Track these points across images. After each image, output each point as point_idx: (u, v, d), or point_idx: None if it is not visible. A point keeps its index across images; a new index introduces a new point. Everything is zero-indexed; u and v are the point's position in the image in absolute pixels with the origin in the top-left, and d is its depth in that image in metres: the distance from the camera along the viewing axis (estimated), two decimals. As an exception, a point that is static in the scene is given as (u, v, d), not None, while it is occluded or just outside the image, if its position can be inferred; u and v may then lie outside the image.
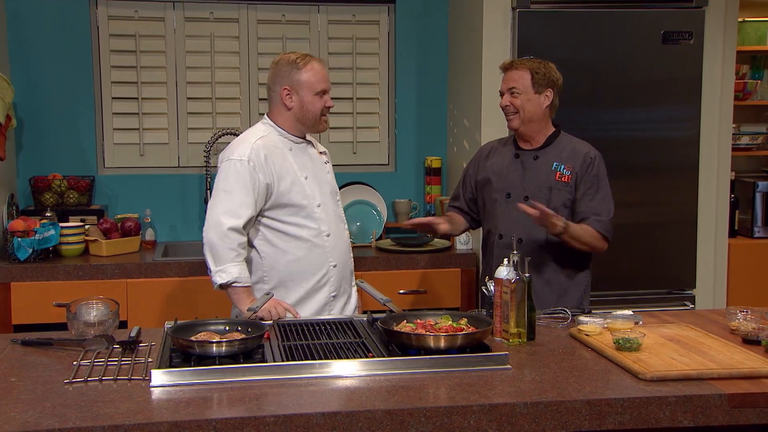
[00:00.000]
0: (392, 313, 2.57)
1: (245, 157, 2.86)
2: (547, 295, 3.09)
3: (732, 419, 2.06)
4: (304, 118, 2.98)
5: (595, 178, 3.11)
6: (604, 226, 3.08)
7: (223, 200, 2.85)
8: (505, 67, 3.20)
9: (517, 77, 3.12)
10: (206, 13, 4.54)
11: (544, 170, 3.14)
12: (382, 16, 4.72)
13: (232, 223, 2.82)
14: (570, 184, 3.10)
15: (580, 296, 3.18)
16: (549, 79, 3.13)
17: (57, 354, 2.40)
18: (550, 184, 3.11)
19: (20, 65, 4.35)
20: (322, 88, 2.95)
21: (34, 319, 3.70)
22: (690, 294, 4.30)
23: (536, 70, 3.11)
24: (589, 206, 3.09)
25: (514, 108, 3.12)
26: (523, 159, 3.18)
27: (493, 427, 1.99)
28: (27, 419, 1.88)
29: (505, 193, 3.17)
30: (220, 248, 2.82)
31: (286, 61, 2.97)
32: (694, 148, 4.23)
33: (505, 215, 3.15)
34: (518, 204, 3.00)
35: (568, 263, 3.14)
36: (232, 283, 2.80)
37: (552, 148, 3.16)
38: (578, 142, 3.20)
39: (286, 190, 2.91)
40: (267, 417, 1.92)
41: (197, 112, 4.59)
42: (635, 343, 2.34)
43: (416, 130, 4.77)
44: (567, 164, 3.11)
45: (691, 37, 4.14)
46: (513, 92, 3.11)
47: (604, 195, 3.12)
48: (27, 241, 3.80)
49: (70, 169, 4.41)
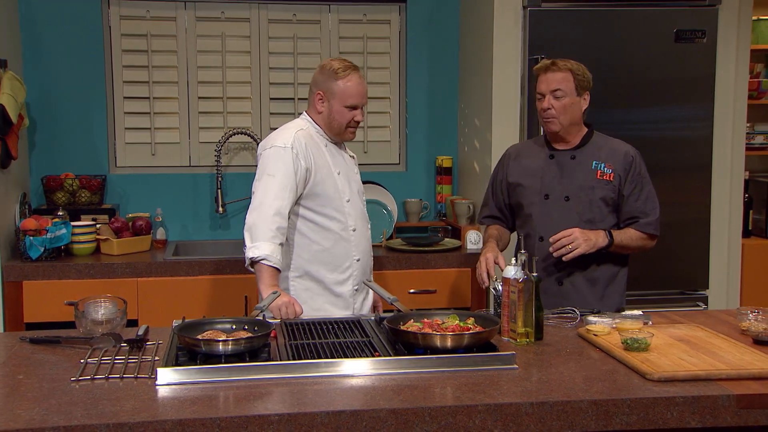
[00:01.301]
0: (399, 312, 2.56)
1: (288, 144, 2.95)
2: (589, 295, 3.06)
3: (740, 420, 2.04)
4: (331, 126, 3.07)
5: (639, 176, 3.08)
6: (654, 226, 3.07)
7: (267, 184, 2.91)
8: (545, 67, 3.08)
9: (561, 79, 3.03)
10: (217, 13, 4.55)
11: (583, 170, 3.08)
12: (393, 16, 4.71)
13: (275, 205, 2.87)
14: (613, 183, 3.05)
15: (621, 294, 3.15)
16: (588, 81, 3.08)
17: (65, 352, 2.41)
18: (591, 183, 3.06)
19: (33, 65, 4.38)
20: (353, 103, 3.02)
21: (45, 317, 3.72)
22: (703, 294, 4.27)
23: (577, 72, 3.05)
24: (636, 206, 3.06)
25: (556, 111, 3.03)
26: (559, 159, 3.12)
27: (498, 427, 1.98)
28: (33, 416, 1.88)
29: (542, 195, 3.11)
30: (259, 227, 2.85)
31: (329, 68, 3.03)
32: (707, 148, 4.20)
33: (543, 217, 3.09)
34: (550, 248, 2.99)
35: (608, 262, 3.10)
36: (262, 259, 2.80)
37: (589, 147, 3.11)
38: (614, 140, 3.16)
39: (321, 180, 3.00)
40: (271, 416, 1.91)
41: (208, 112, 4.60)
42: (643, 344, 2.32)
43: (427, 129, 4.77)
44: (607, 163, 3.07)
45: (704, 35, 4.11)
46: (557, 94, 3.03)
47: (648, 193, 3.09)
48: (39, 239, 3.82)
49: (82, 168, 4.43)
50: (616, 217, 3.10)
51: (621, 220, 3.09)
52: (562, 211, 3.06)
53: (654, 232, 3.08)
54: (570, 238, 2.95)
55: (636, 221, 3.06)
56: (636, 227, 3.06)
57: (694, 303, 4.23)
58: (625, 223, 3.08)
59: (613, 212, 3.10)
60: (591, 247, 2.96)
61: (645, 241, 3.09)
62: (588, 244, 2.95)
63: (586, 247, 2.95)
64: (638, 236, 3.06)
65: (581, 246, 2.94)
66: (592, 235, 2.98)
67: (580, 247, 2.94)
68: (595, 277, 3.08)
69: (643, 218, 3.06)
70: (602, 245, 2.99)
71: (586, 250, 2.95)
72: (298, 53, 4.61)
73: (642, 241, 3.08)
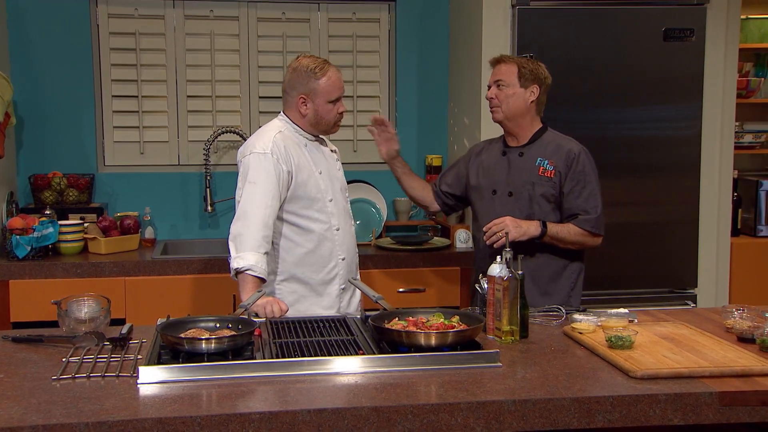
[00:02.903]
0: (384, 311, 2.56)
1: (268, 150, 2.93)
2: (532, 288, 3.05)
3: (723, 417, 2.04)
4: (318, 124, 3.06)
5: (581, 174, 3.10)
6: (592, 224, 3.08)
7: (250, 192, 2.90)
8: (494, 61, 3.22)
9: (505, 70, 3.14)
10: (206, 11, 4.54)
11: (528, 166, 3.14)
12: (382, 14, 4.70)
13: (259, 214, 2.86)
14: (553, 180, 3.09)
15: (567, 292, 3.16)
16: (535, 75, 3.13)
17: (47, 351, 2.40)
18: (533, 179, 3.11)
19: (21, 63, 4.36)
20: (336, 96, 3.03)
21: (32, 316, 3.70)
22: (692, 293, 4.28)
23: (523, 65, 3.13)
24: (576, 203, 3.09)
25: (498, 101, 3.13)
26: (510, 156, 3.20)
27: (480, 425, 1.98)
28: (12, 415, 1.87)
29: (491, 190, 3.20)
30: (243, 237, 2.84)
31: (304, 69, 3.00)
32: (696, 147, 4.21)
33: (490, 212, 3.15)
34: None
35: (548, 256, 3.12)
36: (246, 269, 2.79)
37: (537, 145, 3.17)
38: (563, 138, 3.19)
39: (302, 182, 2.98)
40: (252, 414, 1.91)
41: (197, 110, 4.59)
42: (627, 341, 2.32)
43: (417, 128, 4.76)
44: (550, 159, 3.11)
45: (693, 34, 4.12)
46: (499, 85, 3.13)
47: (591, 191, 3.10)
48: (25, 238, 3.81)
49: (70, 167, 4.41)
50: (558, 214, 3.13)
51: (562, 216, 3.13)
52: (505, 207, 3.13)
53: (593, 230, 3.08)
54: (500, 225, 2.99)
55: (575, 217, 3.09)
56: (576, 222, 3.08)
57: (683, 302, 4.23)
58: (566, 220, 3.12)
59: (556, 209, 3.13)
60: (521, 234, 2.99)
61: (585, 237, 3.09)
62: (518, 231, 2.99)
63: (515, 233, 2.97)
64: (576, 231, 3.08)
65: (511, 232, 2.96)
66: (524, 224, 3.02)
67: (510, 234, 2.95)
68: (536, 271, 3.10)
69: (583, 215, 3.08)
70: (534, 234, 3.02)
71: (514, 237, 2.96)
72: (287, 52, 4.60)
73: (581, 237, 3.09)
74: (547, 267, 3.14)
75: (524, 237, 3.00)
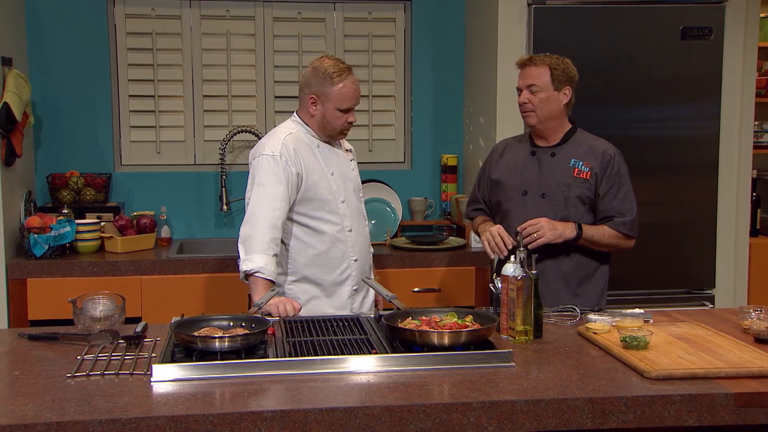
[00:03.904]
0: (398, 310, 2.55)
1: (277, 152, 2.92)
2: (563, 291, 3.06)
3: (738, 419, 2.02)
4: (324, 128, 3.04)
5: (617, 176, 3.06)
6: (628, 226, 3.05)
7: (259, 195, 2.90)
8: (522, 63, 3.13)
9: (537, 74, 3.05)
10: (222, 11, 4.55)
11: (561, 167, 3.08)
12: (398, 14, 4.70)
13: (268, 216, 2.86)
14: (589, 181, 3.05)
15: (598, 295, 3.13)
16: (568, 76, 3.08)
17: (62, 348, 2.41)
18: (568, 180, 3.06)
19: (38, 63, 4.39)
20: (348, 106, 2.99)
21: (49, 315, 3.73)
22: (709, 294, 4.24)
23: (555, 66, 3.06)
24: (612, 205, 3.05)
25: (533, 105, 3.06)
26: (540, 156, 3.14)
27: (493, 425, 1.97)
28: (26, 412, 1.88)
29: (521, 191, 3.12)
30: (252, 239, 2.85)
31: (323, 70, 2.97)
32: (714, 147, 4.17)
33: (521, 213, 3.09)
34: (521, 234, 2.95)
35: (581, 258, 3.08)
36: (256, 272, 2.80)
37: (569, 145, 3.12)
38: (595, 139, 3.16)
39: (313, 184, 2.97)
40: (264, 412, 1.91)
41: (213, 110, 4.60)
42: (642, 342, 2.30)
43: (432, 127, 4.75)
44: (585, 161, 3.07)
45: (711, 33, 4.08)
46: (532, 89, 3.05)
47: (626, 193, 3.07)
48: (43, 237, 3.83)
49: (88, 166, 4.44)
50: (592, 216, 3.09)
51: (597, 218, 3.08)
52: (538, 208, 3.06)
53: (628, 233, 3.05)
54: (536, 226, 2.95)
55: (611, 220, 3.05)
56: (611, 225, 3.04)
57: (700, 302, 4.20)
58: (600, 222, 3.07)
59: (590, 211, 3.08)
60: (557, 237, 2.96)
61: (619, 240, 3.06)
62: (554, 233, 2.95)
63: (551, 236, 2.94)
64: (612, 234, 3.04)
65: (546, 234, 2.94)
66: (560, 226, 2.98)
67: (545, 236, 2.93)
68: (569, 273, 3.07)
69: (618, 217, 3.04)
70: (569, 237, 2.98)
71: (551, 239, 2.94)
72: (303, 51, 4.60)
73: (616, 240, 3.05)
74: (579, 269, 3.09)
75: (559, 239, 2.97)
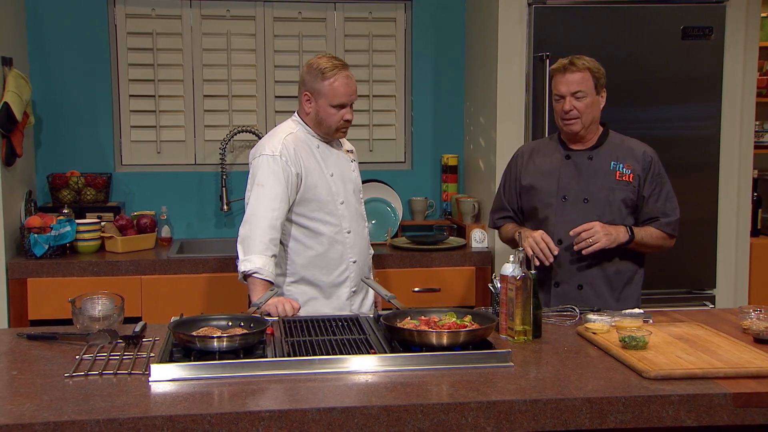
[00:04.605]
0: (397, 310, 2.55)
1: (277, 152, 2.92)
2: (608, 296, 3.02)
3: (737, 419, 2.01)
4: (319, 126, 3.03)
5: (658, 176, 3.04)
6: (673, 226, 3.04)
7: (258, 195, 2.90)
8: (563, 68, 3.01)
9: (581, 79, 2.97)
10: (223, 11, 4.55)
11: (601, 170, 3.02)
12: (398, 13, 4.70)
13: (267, 216, 2.86)
14: (632, 184, 3.01)
15: (637, 298, 3.10)
16: (604, 77, 3.04)
17: (61, 348, 2.41)
18: (611, 184, 3.00)
19: (39, 63, 4.39)
20: (340, 102, 2.96)
21: (49, 314, 3.73)
22: (710, 294, 4.23)
23: (595, 70, 2.99)
24: (656, 207, 3.03)
25: (578, 112, 2.97)
26: (576, 160, 3.06)
27: (491, 425, 1.96)
28: (23, 412, 1.88)
29: (560, 197, 3.04)
30: (251, 240, 2.85)
31: (316, 66, 2.97)
32: (715, 147, 4.16)
33: (563, 219, 3.01)
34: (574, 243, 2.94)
35: (626, 262, 3.05)
36: (254, 272, 2.80)
37: (605, 147, 3.06)
38: (630, 140, 3.12)
39: (312, 185, 2.96)
40: (262, 412, 1.91)
41: (214, 110, 4.60)
42: (641, 342, 2.30)
43: (433, 127, 4.75)
44: (626, 163, 3.02)
45: (712, 32, 4.07)
46: (578, 96, 2.96)
47: (668, 193, 3.06)
48: (43, 237, 3.84)
49: (88, 166, 4.44)
50: (634, 218, 3.06)
51: (640, 220, 3.05)
52: (581, 214, 2.99)
53: (673, 233, 3.05)
54: (591, 231, 2.91)
55: (656, 221, 3.03)
56: (656, 226, 3.02)
57: (701, 302, 4.19)
58: (645, 224, 3.05)
59: (632, 214, 3.05)
60: (612, 242, 2.92)
61: (665, 240, 3.06)
62: (609, 239, 2.92)
63: (606, 242, 2.91)
64: (658, 235, 3.03)
65: (602, 240, 2.90)
66: (613, 230, 2.94)
67: (600, 241, 2.90)
68: (614, 278, 3.03)
69: (663, 218, 3.03)
70: (623, 241, 2.95)
71: (606, 245, 2.91)
72: (304, 51, 4.60)
73: (662, 241, 3.05)
74: (624, 273, 3.05)
75: (614, 244, 2.93)
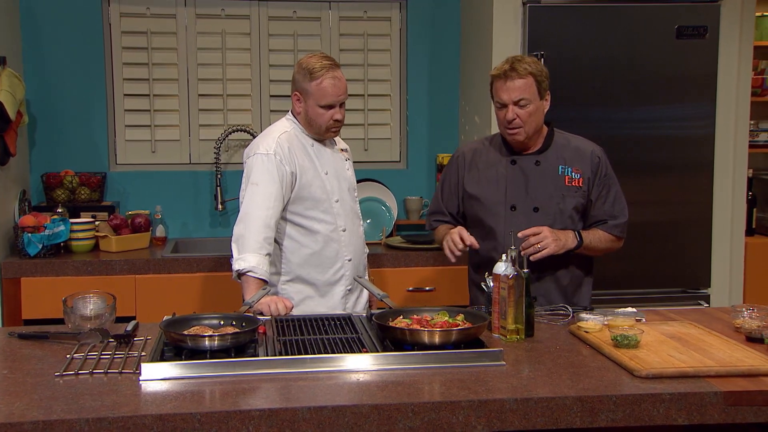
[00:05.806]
0: (389, 309, 2.55)
1: (271, 151, 2.92)
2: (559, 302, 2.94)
3: (728, 417, 2.01)
4: (310, 126, 3.02)
5: (606, 178, 2.94)
6: (621, 228, 2.96)
7: (252, 194, 2.89)
8: (504, 74, 2.82)
9: (524, 86, 2.81)
10: (217, 10, 4.54)
11: (550, 176, 2.91)
12: (393, 13, 4.69)
13: (262, 215, 2.85)
14: (582, 188, 2.91)
15: (588, 299, 3.07)
16: (548, 80, 2.88)
17: (52, 347, 2.40)
18: (561, 191, 2.90)
19: (33, 62, 4.38)
20: (328, 102, 2.94)
21: (43, 314, 3.72)
22: (705, 293, 4.23)
23: (538, 75, 2.83)
24: (604, 209, 2.94)
25: (521, 121, 2.83)
26: (522, 165, 2.94)
27: (482, 423, 1.96)
28: (12, 411, 1.88)
29: (508, 206, 2.92)
30: (245, 238, 2.84)
31: (304, 67, 2.96)
32: (709, 146, 4.16)
33: (511, 230, 2.80)
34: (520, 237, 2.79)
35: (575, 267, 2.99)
36: (248, 271, 2.79)
37: (552, 150, 2.94)
38: (575, 138, 3.00)
39: (307, 183, 2.96)
40: (252, 411, 1.90)
41: (208, 109, 4.60)
42: (633, 340, 2.30)
43: (428, 127, 4.75)
44: (574, 166, 2.92)
45: (707, 32, 4.07)
46: (521, 104, 2.81)
47: (616, 194, 2.96)
48: (37, 236, 3.83)
49: (82, 165, 4.43)
50: (582, 222, 2.98)
51: (588, 223, 2.97)
52: (531, 223, 2.85)
53: (621, 235, 2.97)
54: (539, 236, 2.78)
55: (604, 223, 2.95)
56: (604, 228, 2.94)
57: (695, 302, 4.19)
58: (592, 226, 2.96)
59: (582, 218, 2.98)
60: (560, 248, 2.81)
61: (613, 243, 2.97)
62: (557, 245, 2.80)
63: (555, 248, 2.79)
64: (606, 237, 2.94)
65: (551, 246, 2.78)
66: (562, 236, 2.83)
67: (549, 247, 2.78)
68: (564, 283, 2.97)
69: (611, 220, 2.94)
70: (571, 246, 2.85)
71: (555, 251, 2.80)
72: (299, 50, 4.60)
73: (610, 243, 2.96)
74: (575, 277, 2.98)
75: (563, 250, 2.83)
